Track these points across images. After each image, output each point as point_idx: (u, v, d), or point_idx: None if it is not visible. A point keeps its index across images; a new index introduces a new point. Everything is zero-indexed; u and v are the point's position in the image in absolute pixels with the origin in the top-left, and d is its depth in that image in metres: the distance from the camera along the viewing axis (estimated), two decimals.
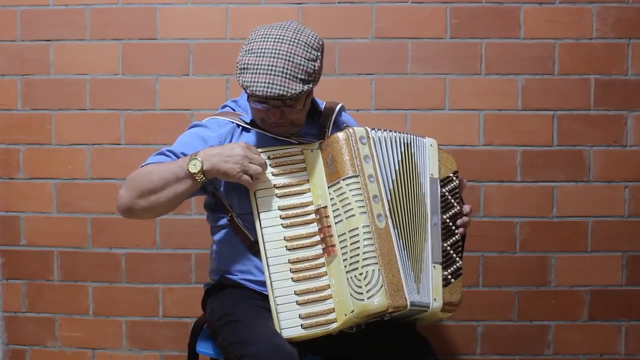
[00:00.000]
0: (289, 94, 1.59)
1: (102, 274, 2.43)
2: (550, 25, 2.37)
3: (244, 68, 1.61)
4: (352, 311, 1.54)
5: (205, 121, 1.80)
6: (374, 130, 1.71)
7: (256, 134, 1.76)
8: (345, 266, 1.58)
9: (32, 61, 2.40)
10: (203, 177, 1.61)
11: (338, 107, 1.87)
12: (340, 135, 1.67)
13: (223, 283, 1.78)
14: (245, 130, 1.78)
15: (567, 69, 2.38)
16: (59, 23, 2.39)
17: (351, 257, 1.58)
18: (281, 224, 1.64)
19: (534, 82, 2.39)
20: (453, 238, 1.74)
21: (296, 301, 1.58)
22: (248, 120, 1.77)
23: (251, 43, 1.63)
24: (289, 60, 1.59)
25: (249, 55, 1.61)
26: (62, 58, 2.40)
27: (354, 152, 1.65)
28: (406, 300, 1.57)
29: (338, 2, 2.38)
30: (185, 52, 2.39)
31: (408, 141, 1.74)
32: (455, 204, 1.76)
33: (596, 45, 2.38)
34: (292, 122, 1.72)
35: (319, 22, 2.35)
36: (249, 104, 1.72)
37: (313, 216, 1.65)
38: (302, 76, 1.60)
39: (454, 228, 1.74)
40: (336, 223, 1.62)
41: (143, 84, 2.40)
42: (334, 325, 1.57)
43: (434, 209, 1.72)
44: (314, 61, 1.63)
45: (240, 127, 1.78)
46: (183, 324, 2.42)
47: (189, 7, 2.38)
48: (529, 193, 2.40)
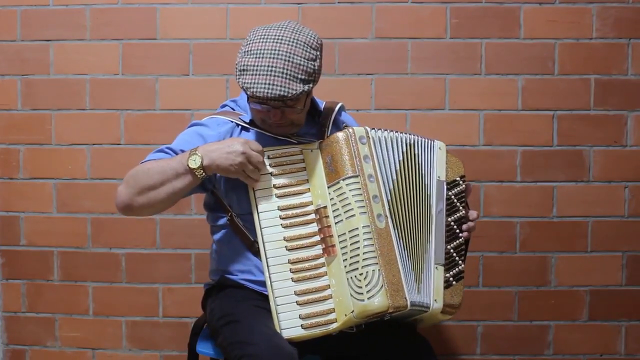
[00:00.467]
0: (290, 95, 1.58)
1: (102, 274, 2.43)
2: (550, 25, 2.37)
3: (244, 70, 1.61)
4: (352, 311, 1.54)
5: (204, 120, 1.80)
6: (374, 130, 1.70)
7: (255, 134, 1.76)
8: (345, 266, 1.58)
9: (32, 61, 2.40)
10: (203, 173, 1.61)
11: (338, 107, 1.87)
12: (339, 135, 1.67)
13: (223, 283, 1.78)
14: (244, 129, 1.77)
15: (567, 69, 2.38)
16: (59, 23, 2.39)
17: (351, 257, 1.58)
18: (281, 224, 1.64)
19: (534, 82, 2.39)
20: (457, 241, 1.74)
21: (296, 301, 1.58)
22: (247, 119, 1.77)
23: (250, 44, 1.63)
24: (289, 60, 1.59)
25: (248, 56, 1.61)
26: (62, 58, 2.40)
27: (354, 152, 1.65)
28: (406, 300, 1.57)
29: (338, 2, 2.38)
30: (185, 52, 2.39)
31: (411, 142, 1.74)
32: (460, 208, 1.76)
33: (596, 45, 2.38)
34: (293, 122, 1.72)
35: (319, 22, 2.35)
36: (249, 105, 1.72)
37: (313, 216, 1.65)
38: (302, 76, 1.60)
39: (458, 231, 1.75)
40: (336, 223, 1.62)
41: (143, 84, 2.40)
42: (334, 325, 1.57)
43: (439, 211, 1.73)
44: (314, 61, 1.63)
45: (239, 127, 1.78)
46: (183, 324, 2.42)
47: (189, 7, 2.38)
48: (529, 193, 2.40)
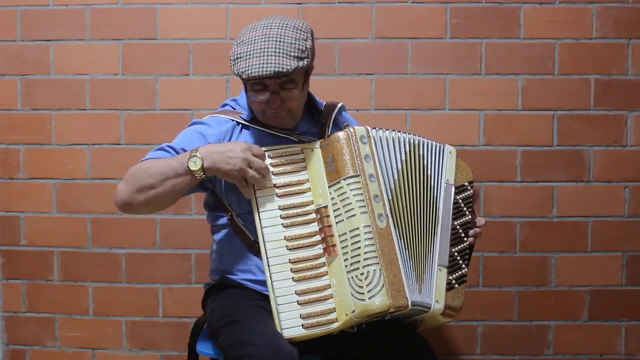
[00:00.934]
0: (285, 70, 1.60)
1: (102, 274, 2.43)
2: (550, 25, 2.37)
3: (237, 58, 1.64)
4: (353, 311, 1.54)
5: (205, 119, 1.80)
6: (375, 129, 1.70)
7: (256, 132, 1.76)
8: (346, 266, 1.58)
9: (32, 61, 2.40)
10: (203, 174, 1.61)
11: (338, 106, 1.87)
12: (340, 134, 1.67)
13: (223, 283, 1.78)
14: (245, 128, 1.78)
15: (567, 69, 2.39)
16: (59, 23, 2.39)
17: (352, 257, 1.58)
18: (281, 224, 1.64)
19: (534, 82, 2.39)
20: (461, 245, 1.74)
21: (297, 301, 1.58)
22: (248, 118, 1.77)
23: (241, 36, 1.67)
24: (280, 41, 1.62)
25: (240, 46, 1.65)
26: (62, 58, 2.40)
27: (355, 152, 1.65)
28: (407, 299, 1.57)
29: (338, 2, 2.38)
30: (185, 52, 2.39)
31: (415, 142, 1.74)
32: (467, 213, 1.77)
33: (596, 45, 2.38)
34: (291, 111, 1.72)
35: (319, 22, 2.35)
36: (249, 97, 1.72)
37: (313, 216, 1.65)
38: (295, 53, 1.62)
39: (463, 235, 1.75)
40: (337, 223, 1.62)
41: (143, 84, 2.40)
42: (335, 325, 1.57)
43: (446, 214, 1.73)
44: (305, 40, 1.66)
45: (240, 125, 1.78)
46: (183, 324, 2.42)
47: (189, 7, 2.38)
48: (529, 193, 2.40)
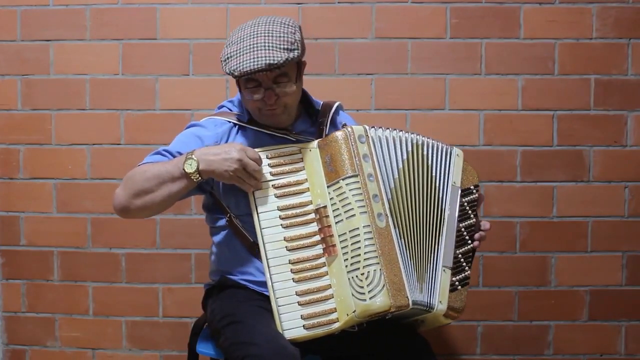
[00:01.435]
0: (276, 61, 1.60)
1: (102, 274, 2.43)
2: (550, 25, 2.37)
3: (228, 57, 1.66)
4: (354, 311, 1.54)
5: (202, 121, 1.81)
6: (374, 128, 1.70)
7: (253, 133, 1.76)
8: (346, 266, 1.58)
9: (32, 61, 2.40)
10: (199, 177, 1.62)
11: (335, 105, 1.87)
12: (338, 134, 1.66)
13: (223, 283, 1.78)
14: (242, 129, 1.78)
15: (567, 69, 2.38)
16: (59, 23, 2.39)
17: (352, 257, 1.58)
18: (281, 224, 1.64)
19: (534, 82, 2.39)
20: (465, 247, 1.75)
21: (298, 302, 1.58)
22: (245, 119, 1.77)
23: (230, 38, 1.70)
24: (269, 35, 1.64)
25: (230, 46, 1.67)
26: (62, 58, 2.40)
27: (353, 151, 1.64)
28: (408, 299, 1.57)
29: (338, 2, 2.38)
30: (185, 52, 2.39)
31: (418, 142, 1.74)
32: (471, 215, 1.78)
33: (596, 45, 2.38)
34: (286, 107, 1.72)
35: (319, 22, 2.35)
36: (244, 97, 1.72)
37: (313, 216, 1.65)
38: (285, 45, 1.63)
39: (468, 238, 1.76)
40: (336, 223, 1.61)
41: (143, 84, 2.40)
42: (336, 325, 1.57)
43: (452, 215, 1.73)
44: (293, 33, 1.67)
45: (236, 127, 1.78)
46: (183, 324, 2.42)
47: (189, 7, 2.38)
48: (529, 193, 2.40)
